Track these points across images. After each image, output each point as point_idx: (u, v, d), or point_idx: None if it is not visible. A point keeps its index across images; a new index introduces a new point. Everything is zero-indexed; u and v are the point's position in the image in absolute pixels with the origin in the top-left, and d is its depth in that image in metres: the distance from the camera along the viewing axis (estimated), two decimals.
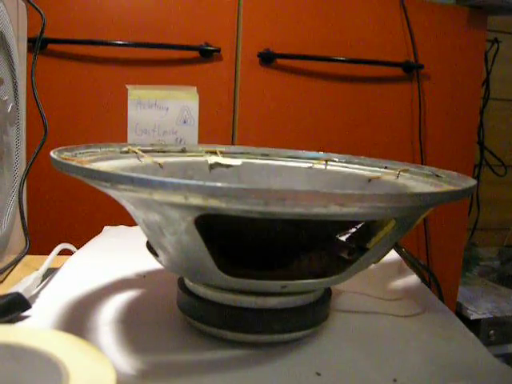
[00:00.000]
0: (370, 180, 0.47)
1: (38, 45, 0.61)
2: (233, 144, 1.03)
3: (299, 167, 0.53)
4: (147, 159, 0.46)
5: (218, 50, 0.98)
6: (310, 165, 0.52)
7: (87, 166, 0.32)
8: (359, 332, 0.41)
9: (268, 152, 0.54)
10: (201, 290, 0.38)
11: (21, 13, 0.58)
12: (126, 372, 0.33)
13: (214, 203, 0.26)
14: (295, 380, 0.33)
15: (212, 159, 0.51)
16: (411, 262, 0.56)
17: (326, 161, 0.52)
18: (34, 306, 0.42)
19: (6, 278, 0.53)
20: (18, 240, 0.57)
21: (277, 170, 0.53)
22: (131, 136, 0.98)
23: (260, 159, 0.54)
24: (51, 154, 0.34)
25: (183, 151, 0.51)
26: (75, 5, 0.93)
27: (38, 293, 0.45)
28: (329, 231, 0.41)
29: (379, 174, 0.48)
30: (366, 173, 0.49)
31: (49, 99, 0.90)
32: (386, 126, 1.11)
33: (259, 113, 1.04)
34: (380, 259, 0.39)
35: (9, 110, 0.53)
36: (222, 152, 0.53)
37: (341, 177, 0.50)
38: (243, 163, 0.52)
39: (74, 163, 0.31)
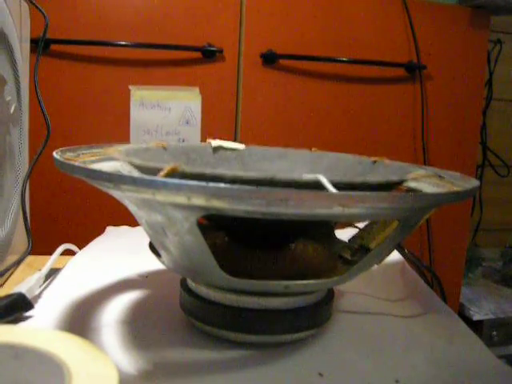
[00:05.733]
0: (374, 162, 0.47)
1: (40, 45, 0.62)
2: None
3: (303, 152, 0.53)
4: (150, 143, 0.46)
5: (221, 51, 0.98)
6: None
7: (90, 166, 0.32)
8: (361, 333, 0.41)
9: None
10: (203, 291, 0.38)
11: (23, 13, 0.58)
12: (128, 372, 0.33)
13: (216, 204, 0.26)
14: (297, 380, 0.33)
15: (215, 142, 0.50)
16: (414, 262, 0.56)
17: None
18: (37, 307, 0.42)
19: (8, 278, 0.53)
20: (21, 240, 0.57)
21: (280, 155, 0.52)
22: (134, 137, 0.98)
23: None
24: (54, 154, 0.34)
25: None
26: (78, 5, 0.93)
27: (41, 293, 0.45)
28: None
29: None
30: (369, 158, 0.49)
31: (51, 100, 0.90)
32: (389, 127, 1.11)
33: (262, 113, 1.04)
34: (382, 260, 0.39)
35: (12, 110, 0.53)
36: None
37: (344, 160, 0.49)
38: (246, 147, 0.52)
39: (76, 163, 0.31)
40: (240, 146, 0.51)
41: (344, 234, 0.47)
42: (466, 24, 1.12)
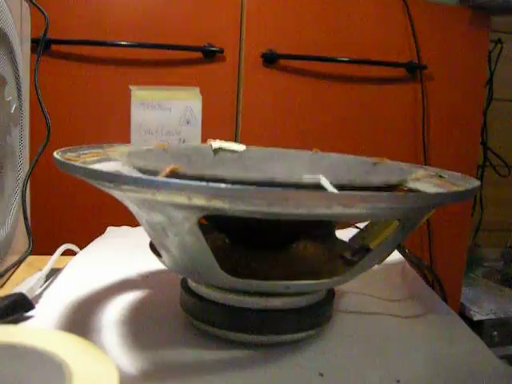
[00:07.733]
0: (375, 164, 0.46)
1: (41, 45, 0.62)
2: None
3: (303, 152, 0.52)
4: (151, 144, 0.46)
5: (222, 51, 0.98)
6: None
7: (90, 166, 0.32)
8: (362, 333, 0.41)
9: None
10: (204, 291, 0.38)
11: (24, 13, 0.58)
12: (128, 372, 0.33)
13: (217, 204, 0.26)
14: (298, 380, 0.33)
15: (216, 144, 0.50)
16: (414, 262, 0.56)
17: None
18: (38, 307, 0.42)
19: (9, 278, 0.53)
20: (22, 240, 0.57)
21: (280, 156, 0.52)
22: (134, 137, 0.98)
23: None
24: (55, 154, 0.35)
25: None
26: (78, 6, 0.93)
27: (42, 293, 0.45)
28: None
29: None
30: (369, 159, 0.49)
31: (52, 100, 0.90)
32: (390, 127, 1.11)
33: (262, 113, 1.04)
34: (383, 260, 0.39)
35: (12, 110, 0.53)
36: None
37: (345, 161, 0.49)
38: (247, 148, 0.52)
39: (77, 164, 0.31)
40: (240, 148, 0.51)
41: (344, 234, 0.47)
42: (467, 24, 1.12)
